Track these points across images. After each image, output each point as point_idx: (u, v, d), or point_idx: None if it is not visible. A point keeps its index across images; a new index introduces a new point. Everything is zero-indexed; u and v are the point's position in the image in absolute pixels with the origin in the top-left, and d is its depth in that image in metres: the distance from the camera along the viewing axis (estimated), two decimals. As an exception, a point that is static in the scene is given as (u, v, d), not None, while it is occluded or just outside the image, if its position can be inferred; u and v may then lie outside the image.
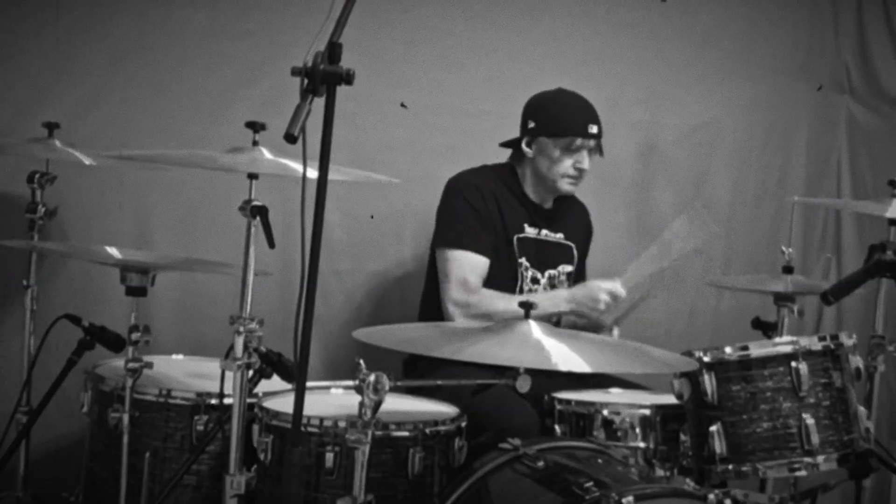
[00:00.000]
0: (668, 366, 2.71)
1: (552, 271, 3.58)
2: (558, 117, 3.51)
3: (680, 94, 4.49)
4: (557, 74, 3.69)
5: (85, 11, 3.68)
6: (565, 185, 3.54)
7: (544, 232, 3.60)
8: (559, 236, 3.63)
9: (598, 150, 3.54)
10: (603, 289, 3.42)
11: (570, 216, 3.71)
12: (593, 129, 3.49)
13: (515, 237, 3.52)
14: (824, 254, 4.73)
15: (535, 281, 3.54)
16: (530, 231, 3.56)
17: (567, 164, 3.49)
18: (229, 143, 2.88)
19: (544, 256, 3.57)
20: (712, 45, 4.54)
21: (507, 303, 3.35)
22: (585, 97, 3.56)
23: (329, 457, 2.72)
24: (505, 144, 3.64)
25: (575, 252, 3.66)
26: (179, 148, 3.45)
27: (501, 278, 3.48)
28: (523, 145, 3.55)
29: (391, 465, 2.75)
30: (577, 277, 3.67)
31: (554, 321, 3.49)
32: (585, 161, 3.50)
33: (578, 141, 3.48)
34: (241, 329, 2.70)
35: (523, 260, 3.52)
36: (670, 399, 2.98)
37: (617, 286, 3.43)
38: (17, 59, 3.63)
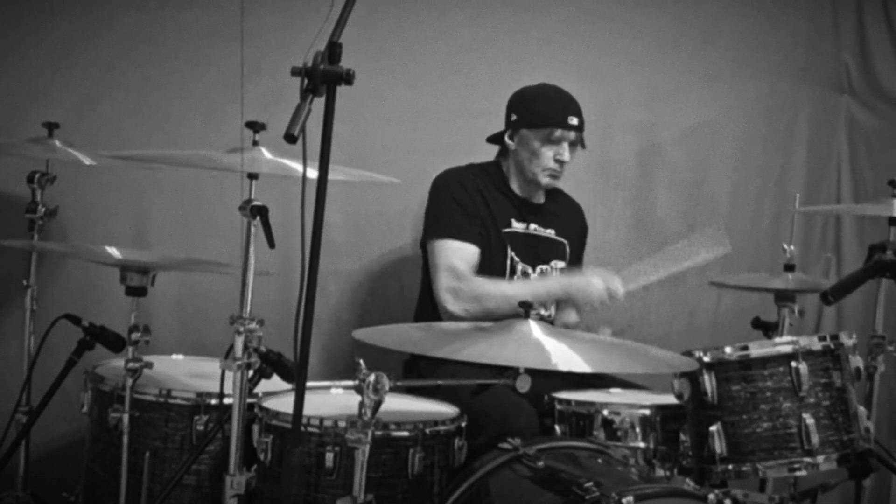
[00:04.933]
0: (668, 366, 2.71)
1: (544, 266, 3.57)
2: (538, 109, 3.51)
3: (680, 94, 4.49)
4: (557, 74, 3.69)
5: (84, 11, 3.68)
6: (545, 179, 3.53)
7: (533, 226, 3.59)
8: (550, 232, 3.62)
9: (580, 142, 3.53)
10: (600, 289, 3.40)
11: (563, 213, 3.70)
12: (573, 121, 3.49)
13: (503, 231, 3.51)
14: (824, 253, 4.73)
15: (525, 276, 3.54)
16: (518, 226, 3.56)
17: (548, 156, 3.49)
18: (229, 143, 2.88)
19: (535, 251, 3.56)
20: (712, 45, 4.54)
21: (498, 287, 3.35)
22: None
23: (329, 457, 2.71)
24: (491, 139, 3.65)
25: (568, 249, 3.64)
26: (179, 148, 3.45)
27: (491, 272, 3.46)
28: (506, 138, 3.56)
29: (391, 465, 2.75)
30: (572, 275, 3.66)
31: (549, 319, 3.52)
32: (566, 153, 3.49)
33: (558, 132, 3.47)
34: (241, 329, 2.70)
35: (513, 254, 3.51)
36: (670, 399, 2.98)
37: (617, 285, 3.41)
38: (17, 59, 3.63)
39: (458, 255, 3.42)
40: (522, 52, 4.19)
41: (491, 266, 3.47)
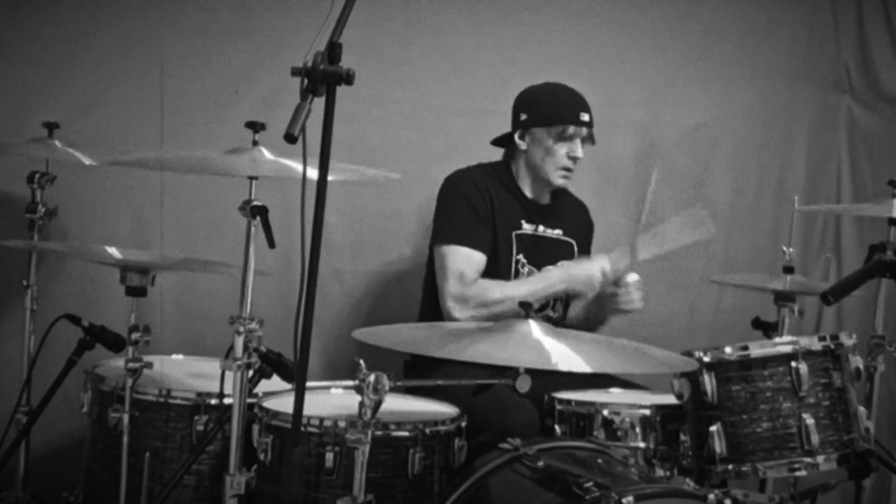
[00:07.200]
0: (668, 366, 2.71)
1: (551, 268, 3.57)
2: (550, 107, 3.51)
3: (680, 94, 4.49)
4: (557, 74, 3.69)
5: (84, 11, 3.68)
6: (559, 179, 3.54)
7: (541, 228, 3.59)
8: (557, 232, 3.63)
9: (591, 138, 3.54)
10: (597, 266, 3.46)
11: (569, 212, 3.71)
12: (585, 117, 3.50)
13: (513, 234, 3.52)
14: (824, 254, 4.73)
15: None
16: (527, 227, 3.56)
17: (561, 153, 3.50)
18: (229, 143, 2.88)
19: (542, 253, 3.56)
20: (712, 45, 4.54)
21: (503, 291, 3.36)
22: (583, 94, 3.56)
23: (329, 457, 2.72)
24: (496, 142, 3.64)
25: (575, 248, 3.65)
26: (180, 148, 3.45)
27: (498, 275, 3.47)
28: (516, 138, 3.55)
29: (391, 465, 2.75)
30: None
31: (555, 322, 3.51)
32: (579, 149, 3.51)
33: (571, 129, 3.48)
34: (241, 329, 2.70)
35: (521, 257, 3.52)
36: (670, 399, 2.98)
37: (606, 265, 3.46)
38: (17, 59, 3.63)
39: (466, 262, 3.42)
40: (523, 52, 4.19)
41: (498, 268, 3.47)
